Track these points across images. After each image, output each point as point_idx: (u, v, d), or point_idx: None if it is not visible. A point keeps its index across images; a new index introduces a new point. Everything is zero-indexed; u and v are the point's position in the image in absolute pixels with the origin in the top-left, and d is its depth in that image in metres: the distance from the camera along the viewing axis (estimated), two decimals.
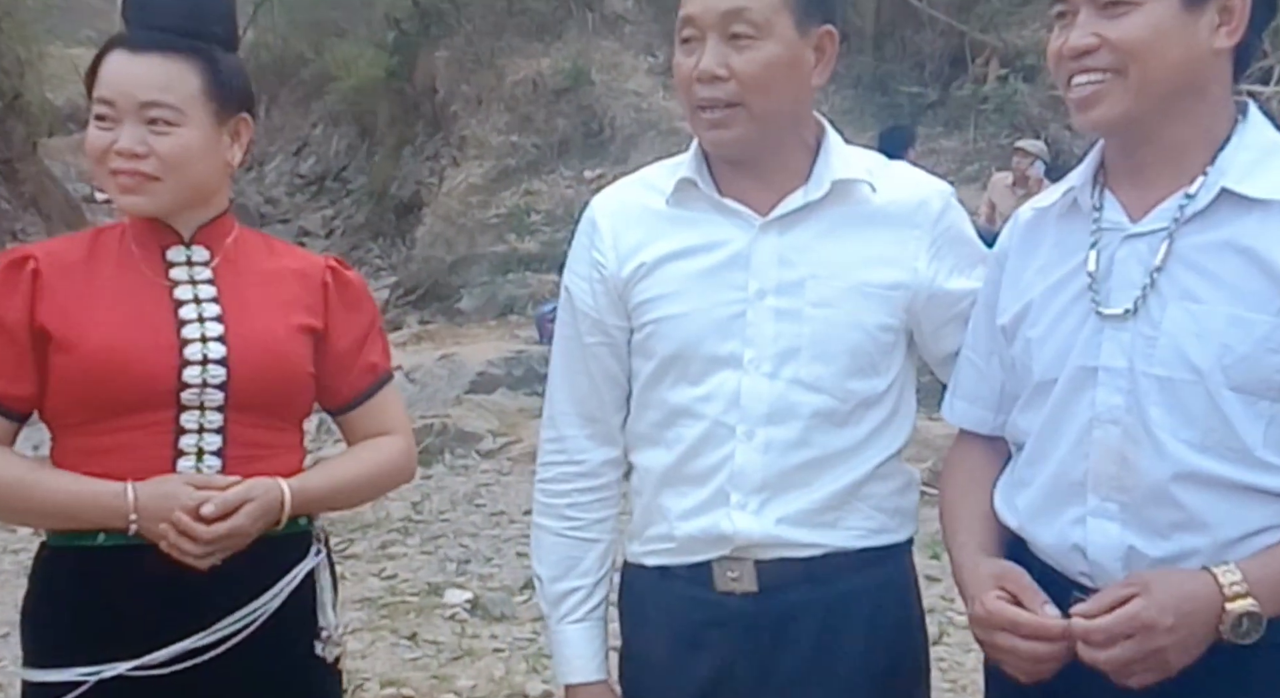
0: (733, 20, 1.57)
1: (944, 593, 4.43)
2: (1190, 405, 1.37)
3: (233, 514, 1.63)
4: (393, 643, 4.11)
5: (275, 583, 1.70)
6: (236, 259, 1.78)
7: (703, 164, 1.68)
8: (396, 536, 5.21)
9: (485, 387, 7.54)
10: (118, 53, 1.69)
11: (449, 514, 5.46)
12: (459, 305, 10.59)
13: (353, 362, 1.82)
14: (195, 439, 1.68)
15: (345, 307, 1.82)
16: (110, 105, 1.67)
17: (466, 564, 4.85)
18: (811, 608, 1.64)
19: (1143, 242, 1.42)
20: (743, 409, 1.63)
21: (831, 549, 1.65)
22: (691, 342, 1.64)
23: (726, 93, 1.58)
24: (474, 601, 4.43)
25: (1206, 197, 1.39)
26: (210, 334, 1.70)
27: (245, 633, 1.67)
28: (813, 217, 1.64)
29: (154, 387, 1.66)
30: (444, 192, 13.16)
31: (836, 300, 1.62)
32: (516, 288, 10.29)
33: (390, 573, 4.76)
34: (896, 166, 1.73)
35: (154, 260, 1.73)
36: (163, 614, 1.65)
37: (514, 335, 8.97)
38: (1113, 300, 1.43)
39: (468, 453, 6.37)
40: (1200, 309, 1.37)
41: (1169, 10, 1.37)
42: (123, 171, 1.68)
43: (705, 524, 1.65)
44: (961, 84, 11.73)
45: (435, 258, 11.89)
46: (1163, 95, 1.39)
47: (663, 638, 1.70)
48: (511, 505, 5.56)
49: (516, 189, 12.28)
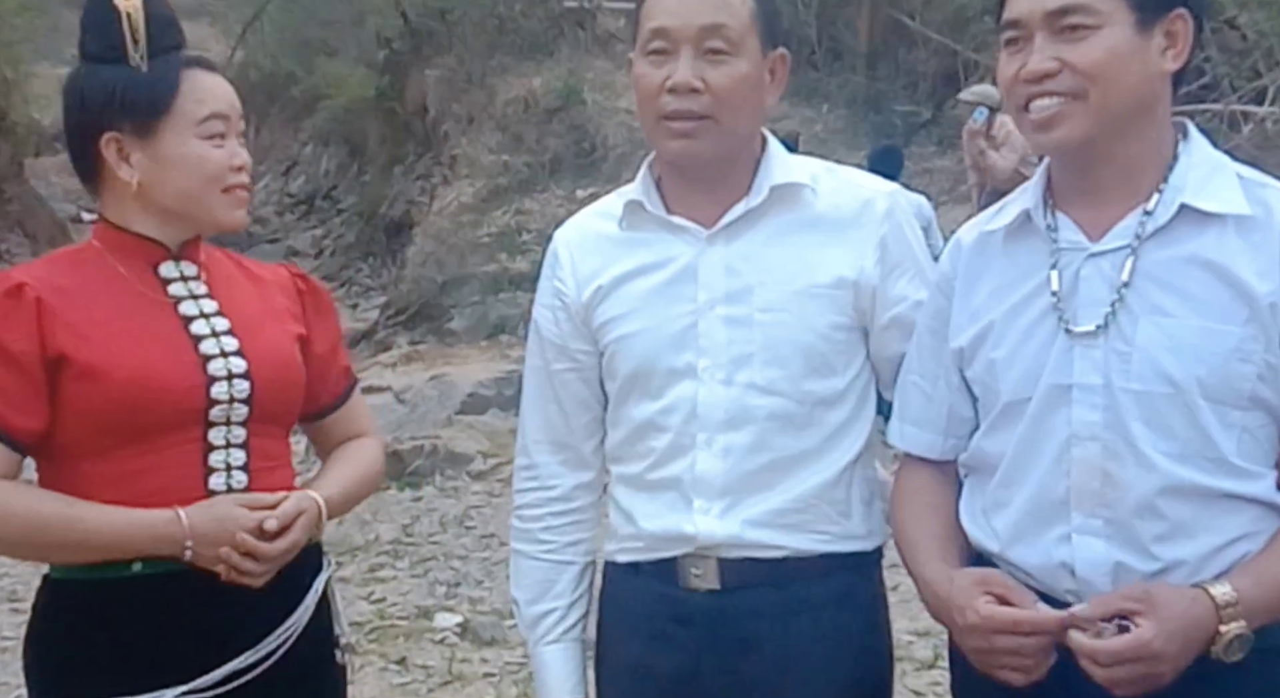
0: (710, 35, 1.62)
1: None
2: (1169, 418, 1.40)
3: (290, 529, 1.66)
4: (382, 668, 4.07)
5: (302, 596, 1.74)
6: (217, 273, 1.79)
7: (650, 186, 1.73)
8: (386, 558, 5.16)
9: (476, 407, 7.49)
10: (200, 72, 1.73)
11: (439, 537, 5.41)
12: (450, 325, 10.54)
13: (330, 366, 1.89)
14: (223, 455, 1.70)
15: (319, 313, 1.89)
16: (226, 120, 1.72)
17: (457, 588, 4.81)
18: (774, 610, 1.68)
19: (1105, 259, 1.47)
20: (701, 418, 1.67)
21: (794, 553, 1.68)
22: (649, 357, 1.70)
23: (700, 106, 1.62)
24: (464, 625, 4.39)
25: (1166, 213, 1.44)
26: (228, 349, 1.72)
27: (286, 646, 1.69)
28: (756, 225, 1.69)
29: (184, 407, 1.66)
30: (435, 211, 13.13)
31: (784, 304, 1.67)
32: (508, 308, 10.25)
33: (379, 597, 4.71)
34: (841, 171, 1.77)
35: (147, 278, 1.73)
36: (204, 637, 1.66)
37: (505, 356, 8.92)
38: (1080, 318, 1.46)
39: (458, 474, 6.31)
40: (1171, 323, 1.41)
41: (1124, 34, 1.43)
42: (242, 187, 1.73)
43: (668, 525, 1.70)
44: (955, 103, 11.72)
45: (426, 278, 11.85)
46: (1119, 116, 1.45)
47: (633, 634, 1.76)
48: (502, 528, 5.50)
49: (508, 208, 12.26)
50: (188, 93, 1.70)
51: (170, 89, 1.70)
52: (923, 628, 4.23)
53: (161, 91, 1.69)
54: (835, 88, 12.77)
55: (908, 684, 3.86)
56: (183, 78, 1.71)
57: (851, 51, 13.14)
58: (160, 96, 1.69)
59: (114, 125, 1.70)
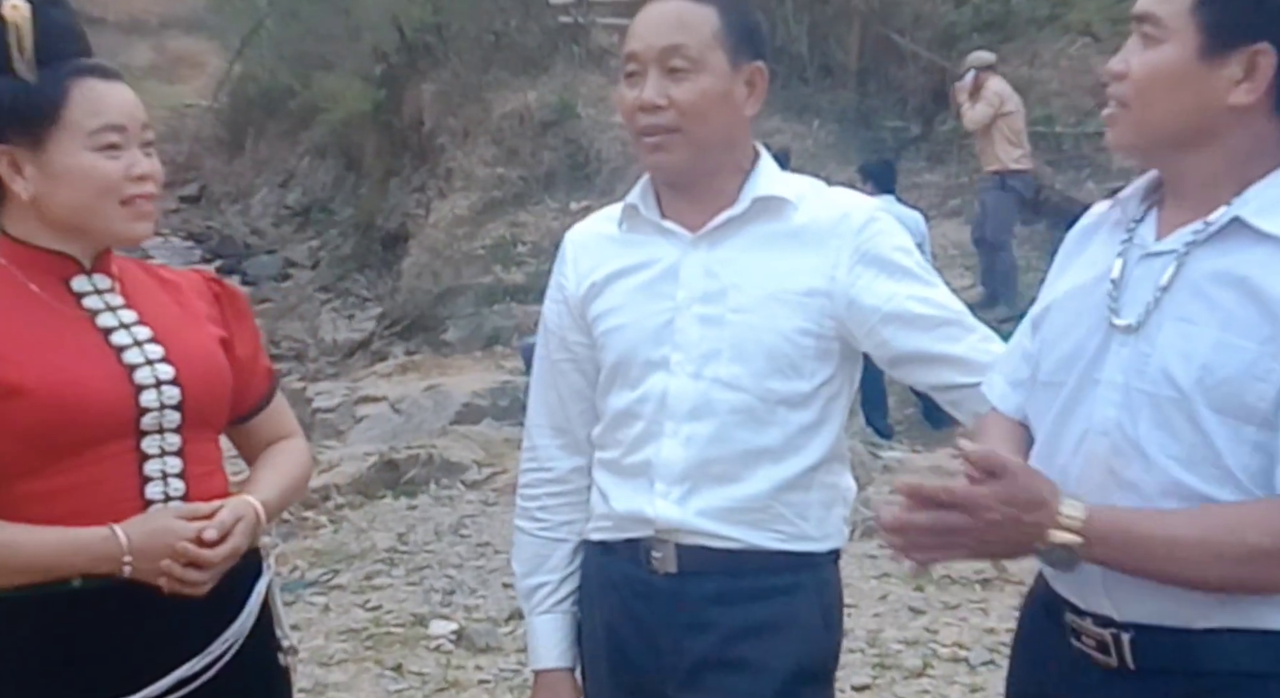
0: (670, 55, 1.74)
1: (928, 625, 4.45)
2: (1175, 423, 1.40)
3: (230, 536, 1.65)
4: (377, 674, 4.09)
5: (245, 601, 1.73)
6: (131, 283, 1.77)
7: (648, 192, 1.85)
8: (381, 566, 5.19)
9: (471, 417, 7.53)
10: (93, 80, 1.67)
11: (434, 545, 5.43)
12: (445, 336, 10.58)
13: (253, 368, 1.87)
14: (159, 464, 1.68)
15: (238, 316, 1.87)
16: (121, 131, 1.66)
17: (451, 595, 4.83)
18: (728, 597, 1.77)
19: (1157, 261, 1.46)
20: (670, 408, 1.78)
21: (749, 546, 1.77)
22: (630, 349, 1.81)
23: (666, 120, 1.74)
24: (459, 632, 4.42)
25: (1219, 223, 1.41)
26: (153, 356, 1.69)
27: (232, 653, 1.69)
28: (739, 233, 1.79)
29: (114, 419, 1.64)
30: (430, 223, 13.18)
31: (754, 307, 1.76)
32: (502, 319, 10.30)
33: (375, 604, 4.73)
34: (829, 191, 1.86)
35: (60, 293, 1.69)
36: (148, 647, 1.65)
37: (500, 366, 8.96)
38: (1122, 313, 1.46)
39: (453, 484, 6.35)
40: (1191, 329, 1.40)
41: (1182, 55, 1.39)
42: (143, 197, 1.68)
43: (632, 507, 1.81)
44: (944, 119, 11.82)
45: (421, 289, 11.90)
46: (1167, 136, 1.42)
47: (604, 602, 1.87)
48: (497, 536, 5.55)
49: (503, 221, 12.31)
50: (78, 103, 1.64)
51: (56, 99, 1.64)
52: (911, 637, 4.30)
53: (47, 102, 1.64)
54: (826, 104, 12.84)
55: (897, 693, 3.91)
56: (72, 87, 1.64)
57: (842, 68, 13.21)
58: (46, 107, 1.63)
59: (3, 138, 1.65)
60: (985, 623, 4.43)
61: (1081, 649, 1.48)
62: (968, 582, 4.86)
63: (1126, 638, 1.43)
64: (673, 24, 1.75)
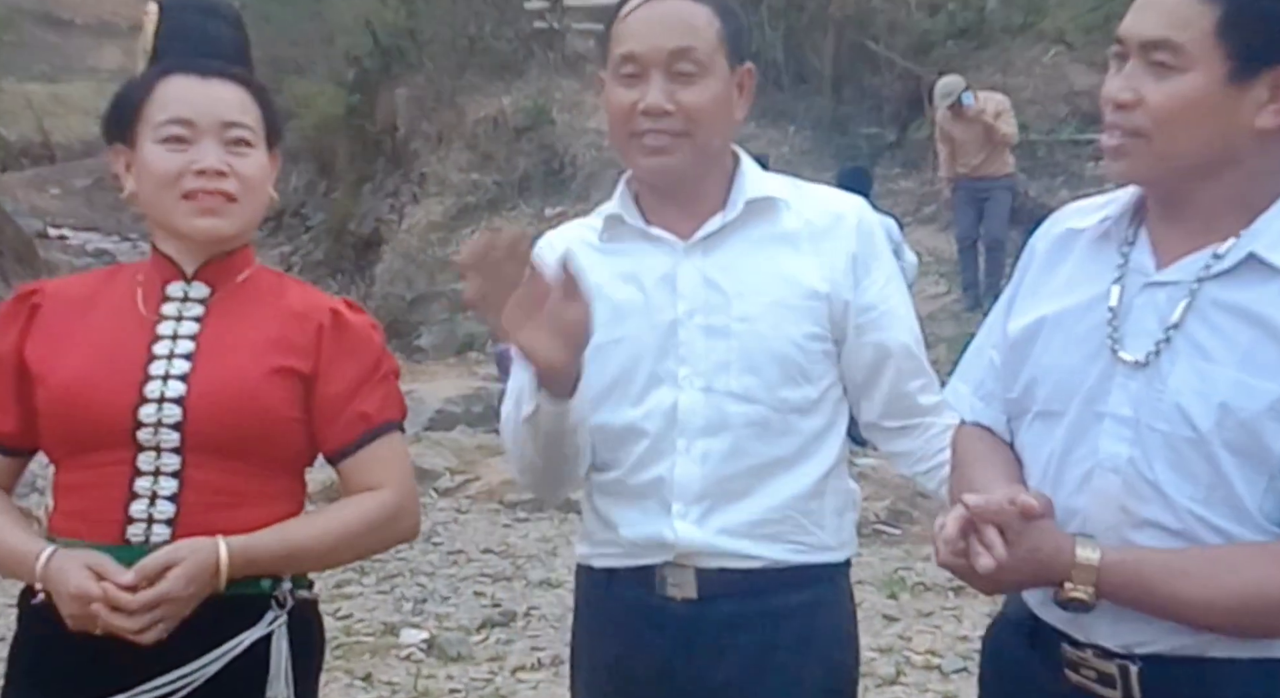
0: (679, 58, 1.67)
1: (901, 633, 4.44)
2: (1192, 464, 1.36)
3: (162, 580, 1.55)
4: (347, 684, 4.05)
5: (217, 646, 1.61)
6: (240, 297, 1.72)
7: (629, 200, 1.78)
8: (352, 574, 5.14)
9: (444, 424, 7.50)
10: (180, 77, 1.67)
11: (405, 553, 5.39)
12: (418, 343, 10.55)
13: (342, 409, 1.70)
14: (150, 482, 1.62)
15: (340, 352, 1.71)
16: (189, 125, 1.64)
17: (423, 604, 4.80)
18: (749, 620, 1.71)
19: (1162, 292, 1.41)
20: (681, 423, 1.71)
21: (770, 563, 1.71)
22: (630, 364, 1.72)
23: (671, 125, 1.67)
24: (430, 640, 4.38)
25: (1234, 258, 1.37)
26: (174, 372, 1.64)
27: (177, 697, 1.60)
28: (733, 237, 1.74)
29: (111, 424, 1.62)
30: (404, 229, 13.14)
31: (760, 315, 1.71)
32: (476, 325, 10.26)
33: (345, 613, 4.69)
34: (810, 188, 1.82)
35: (154, 296, 1.70)
36: (96, 668, 1.59)
37: (473, 373, 8.94)
38: (1126, 345, 1.41)
39: (425, 490, 6.31)
40: (1208, 368, 1.36)
41: (1209, 83, 1.34)
42: (206, 192, 1.64)
43: (649, 532, 1.72)
44: (919, 126, 11.87)
45: (394, 295, 11.86)
46: (1187, 164, 1.37)
47: (609, 637, 1.78)
48: (469, 544, 5.52)
49: (477, 226, 12.26)
50: (155, 99, 1.65)
51: (140, 95, 1.66)
52: (885, 645, 4.29)
53: (137, 98, 1.67)
54: (802, 110, 12.88)
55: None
56: (158, 84, 1.66)
57: (817, 75, 13.26)
58: (135, 103, 1.66)
59: (115, 136, 1.70)
60: (959, 631, 4.43)
61: (1080, 682, 1.44)
62: (941, 589, 4.85)
63: (1135, 670, 1.40)
64: (679, 26, 1.67)
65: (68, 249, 16.08)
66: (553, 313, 1.54)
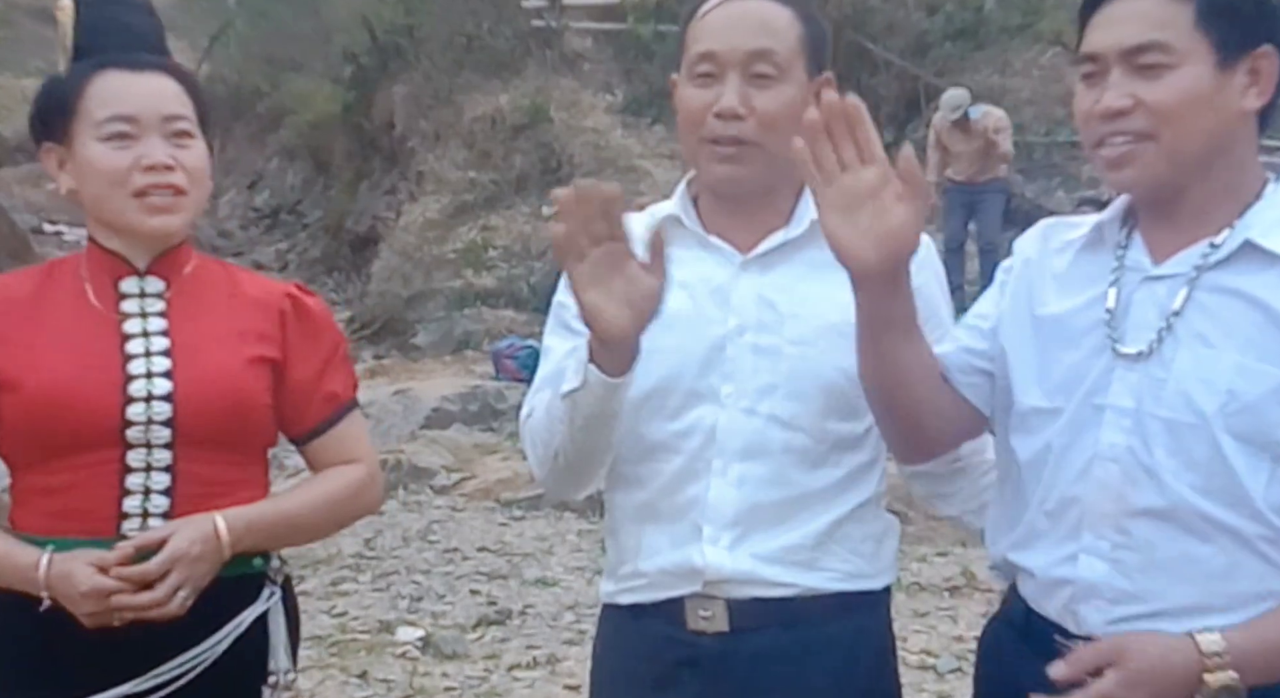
0: (758, 60, 1.60)
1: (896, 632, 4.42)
2: (1193, 449, 1.38)
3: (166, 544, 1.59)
4: (343, 682, 4.06)
5: (221, 627, 1.66)
6: (193, 289, 1.74)
7: (689, 203, 1.70)
8: (348, 572, 5.15)
9: (440, 422, 7.49)
10: (114, 72, 1.64)
11: (401, 551, 5.40)
12: (415, 340, 10.53)
13: (313, 391, 1.77)
14: (142, 478, 1.64)
15: (304, 335, 1.77)
16: (132, 121, 1.62)
17: (419, 602, 4.81)
18: (784, 651, 1.62)
19: (1161, 285, 1.43)
20: (719, 444, 1.63)
21: (805, 591, 1.63)
22: (672, 375, 1.64)
23: (743, 131, 1.60)
24: (426, 639, 4.39)
25: (1231, 246, 1.41)
26: (156, 370, 1.65)
27: (187, 678, 1.63)
28: (794, 256, 1.66)
29: (98, 426, 1.62)
30: (400, 226, 13.11)
31: (814, 339, 1.63)
32: (473, 323, 10.25)
33: (341, 610, 4.70)
34: None
35: (106, 293, 1.69)
36: (104, 659, 1.61)
37: (469, 371, 8.92)
38: (1128, 340, 1.43)
39: (421, 489, 6.32)
40: (1210, 354, 1.39)
41: (1203, 74, 1.38)
42: (157, 187, 1.63)
43: (677, 558, 1.64)
44: (916, 127, 11.87)
45: (391, 293, 11.83)
46: (1193, 158, 1.40)
47: (635, 679, 1.69)
48: (465, 542, 5.52)
49: (474, 224, 12.26)
50: (92, 94, 1.63)
51: (75, 92, 1.64)
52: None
53: (68, 95, 1.64)
54: None
55: None
56: (92, 79, 1.64)
57: None
58: (67, 100, 1.64)
59: (47, 135, 1.68)
60: (954, 631, 4.44)
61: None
62: (936, 590, 4.86)
63: None
64: (759, 26, 1.61)
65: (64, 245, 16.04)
66: (629, 278, 1.47)
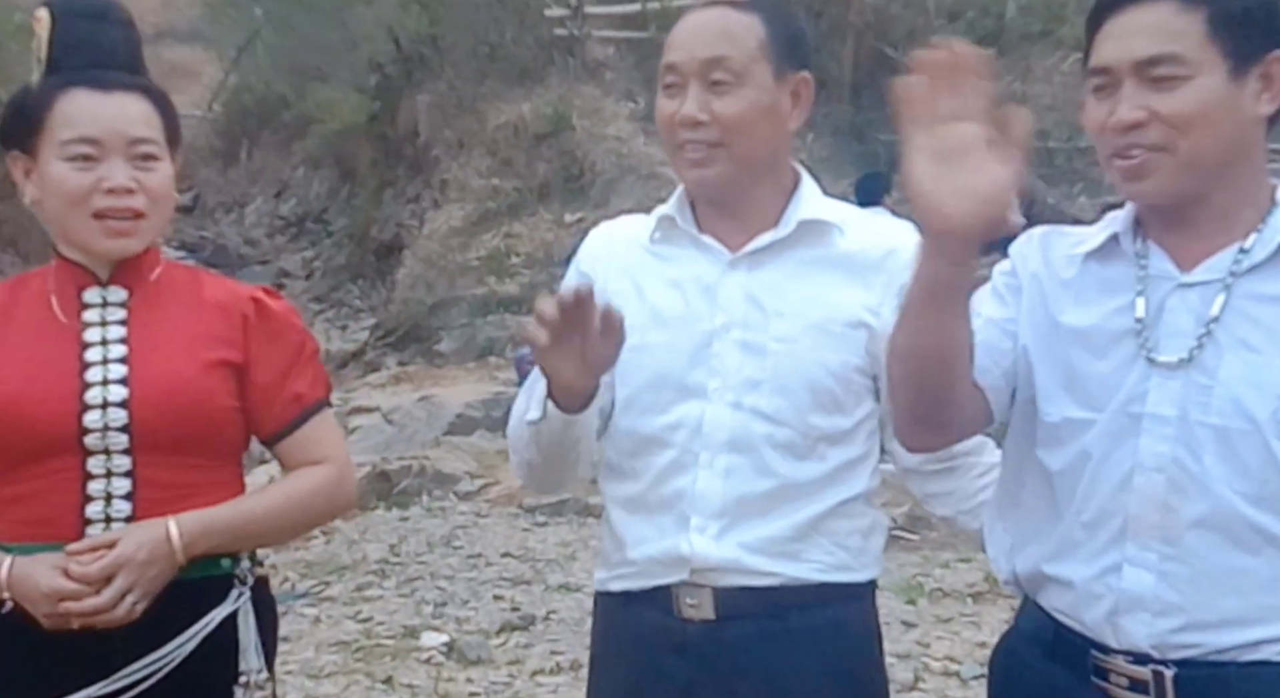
0: (713, 68, 1.66)
1: (919, 639, 4.45)
2: (1245, 456, 1.37)
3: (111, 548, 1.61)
4: (368, 687, 4.08)
5: (187, 629, 1.66)
6: (157, 296, 1.75)
7: (685, 204, 1.76)
8: (373, 578, 5.18)
9: (463, 428, 7.53)
10: (83, 92, 1.66)
11: (426, 557, 5.43)
12: (438, 347, 10.58)
13: (277, 393, 1.76)
14: (103, 484, 1.65)
15: (266, 338, 1.76)
16: (95, 144, 1.64)
17: (443, 607, 4.82)
18: (769, 640, 1.67)
19: (1194, 292, 1.42)
20: (705, 437, 1.68)
21: (790, 580, 1.67)
22: (662, 371, 1.70)
23: (708, 135, 1.66)
24: (450, 644, 4.41)
25: (1264, 251, 1.40)
26: (112, 377, 1.66)
27: (154, 679, 1.64)
28: (782, 256, 1.70)
29: (55, 433, 1.64)
30: (424, 234, 13.18)
31: (799, 337, 1.67)
32: (496, 330, 10.30)
33: (366, 616, 4.73)
34: (873, 216, 1.79)
35: (70, 304, 1.71)
36: (69, 661, 1.62)
37: (493, 377, 8.96)
38: (1163, 348, 1.42)
39: (445, 495, 6.35)
40: (1258, 359, 1.37)
41: (1216, 84, 1.37)
42: (116, 210, 1.65)
43: (665, 547, 1.69)
44: None
45: (415, 300, 11.89)
46: (1210, 168, 1.40)
47: (626, 663, 1.74)
48: (489, 548, 5.54)
49: (497, 232, 12.32)
50: (58, 112, 1.64)
51: (40, 108, 1.65)
52: (903, 651, 4.29)
53: (37, 110, 1.66)
54: (821, 117, 12.85)
55: None
56: (60, 96, 1.65)
57: (836, 82, 13.25)
58: (35, 115, 1.66)
59: (14, 144, 1.69)
60: (977, 637, 4.43)
61: (1106, 689, 1.44)
62: (960, 595, 4.86)
63: (1170, 675, 1.40)
64: (716, 35, 1.66)
65: None
66: (589, 341, 1.53)
